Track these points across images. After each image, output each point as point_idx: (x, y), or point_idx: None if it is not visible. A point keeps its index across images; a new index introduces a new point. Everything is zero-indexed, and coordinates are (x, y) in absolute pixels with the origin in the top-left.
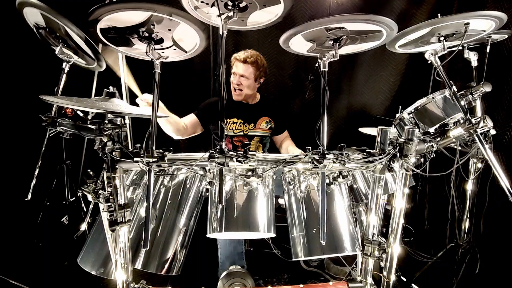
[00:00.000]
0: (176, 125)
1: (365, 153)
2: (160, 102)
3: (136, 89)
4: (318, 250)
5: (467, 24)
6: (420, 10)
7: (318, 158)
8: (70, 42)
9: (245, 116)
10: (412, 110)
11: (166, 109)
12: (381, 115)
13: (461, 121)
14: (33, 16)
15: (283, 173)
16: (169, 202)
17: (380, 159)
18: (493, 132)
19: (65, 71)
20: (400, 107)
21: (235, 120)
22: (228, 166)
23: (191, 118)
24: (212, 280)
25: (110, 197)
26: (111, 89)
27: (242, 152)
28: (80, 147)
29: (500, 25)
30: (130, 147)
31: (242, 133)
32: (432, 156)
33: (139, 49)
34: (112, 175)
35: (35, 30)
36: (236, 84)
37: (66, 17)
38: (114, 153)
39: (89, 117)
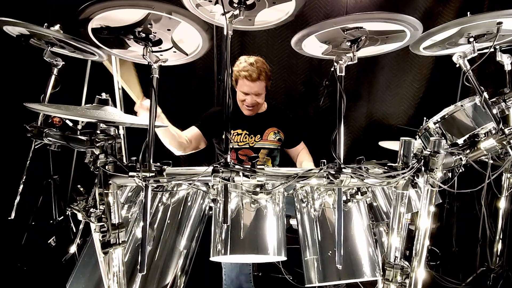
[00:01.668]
0: (178, 139)
1: (386, 167)
2: (160, 110)
3: (135, 94)
4: (334, 275)
5: (500, 23)
6: (447, 8)
7: (334, 172)
8: (61, 44)
9: (250, 127)
10: (439, 119)
11: (166, 119)
12: (404, 125)
13: (493, 132)
14: (14, 29)
15: (295, 189)
16: (168, 221)
17: (403, 173)
18: None
19: (53, 76)
20: (425, 118)
21: (239, 131)
22: (234, 181)
23: (193, 131)
24: None
25: (103, 216)
26: (104, 95)
27: (249, 166)
28: (69, 161)
29: None
30: (124, 161)
31: (247, 146)
32: (460, 171)
33: (135, 52)
34: (105, 191)
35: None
36: (252, 105)
37: (53, 17)
38: (107, 167)
39: (79, 127)
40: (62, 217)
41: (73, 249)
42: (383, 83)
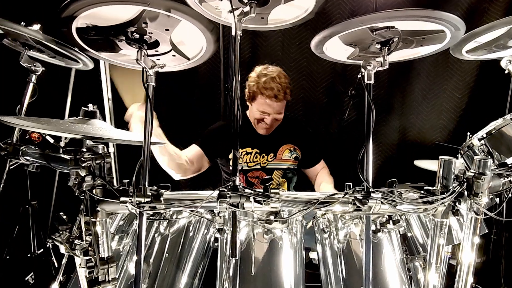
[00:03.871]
0: (177, 159)
1: (422, 191)
2: (156, 123)
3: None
4: None
5: None
6: (494, 4)
7: (361, 197)
8: (40, 47)
9: (262, 144)
10: (484, 135)
11: (164, 135)
12: (444, 142)
13: None
14: None
15: (316, 217)
16: (167, 255)
17: (442, 199)
18: None
19: (31, 84)
20: (468, 133)
21: (248, 149)
22: (243, 208)
23: (194, 150)
24: None
25: (90, 248)
26: (91, 107)
27: (261, 190)
28: (50, 184)
29: None
30: (115, 184)
31: (258, 166)
32: (510, 195)
33: (127, 55)
34: (92, 219)
35: None
36: (270, 125)
37: (32, 14)
38: (94, 191)
39: (62, 144)
40: (42, 250)
41: (54, 287)
42: (419, 93)
